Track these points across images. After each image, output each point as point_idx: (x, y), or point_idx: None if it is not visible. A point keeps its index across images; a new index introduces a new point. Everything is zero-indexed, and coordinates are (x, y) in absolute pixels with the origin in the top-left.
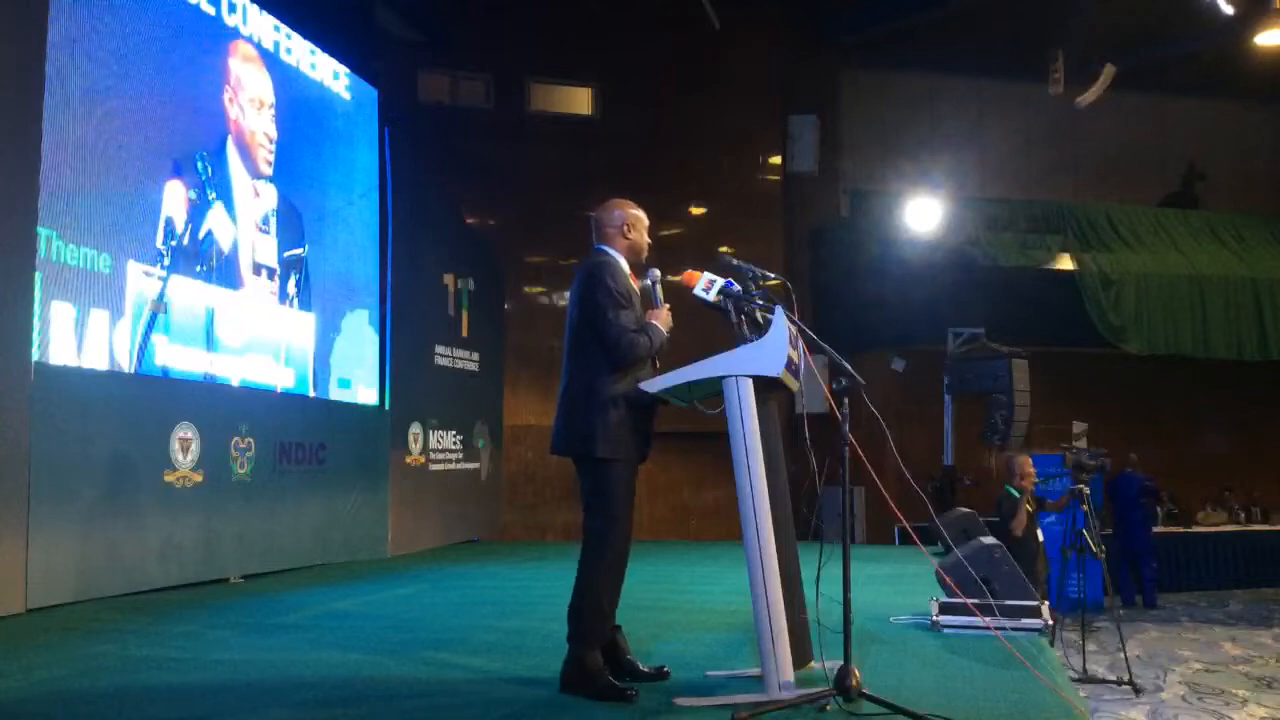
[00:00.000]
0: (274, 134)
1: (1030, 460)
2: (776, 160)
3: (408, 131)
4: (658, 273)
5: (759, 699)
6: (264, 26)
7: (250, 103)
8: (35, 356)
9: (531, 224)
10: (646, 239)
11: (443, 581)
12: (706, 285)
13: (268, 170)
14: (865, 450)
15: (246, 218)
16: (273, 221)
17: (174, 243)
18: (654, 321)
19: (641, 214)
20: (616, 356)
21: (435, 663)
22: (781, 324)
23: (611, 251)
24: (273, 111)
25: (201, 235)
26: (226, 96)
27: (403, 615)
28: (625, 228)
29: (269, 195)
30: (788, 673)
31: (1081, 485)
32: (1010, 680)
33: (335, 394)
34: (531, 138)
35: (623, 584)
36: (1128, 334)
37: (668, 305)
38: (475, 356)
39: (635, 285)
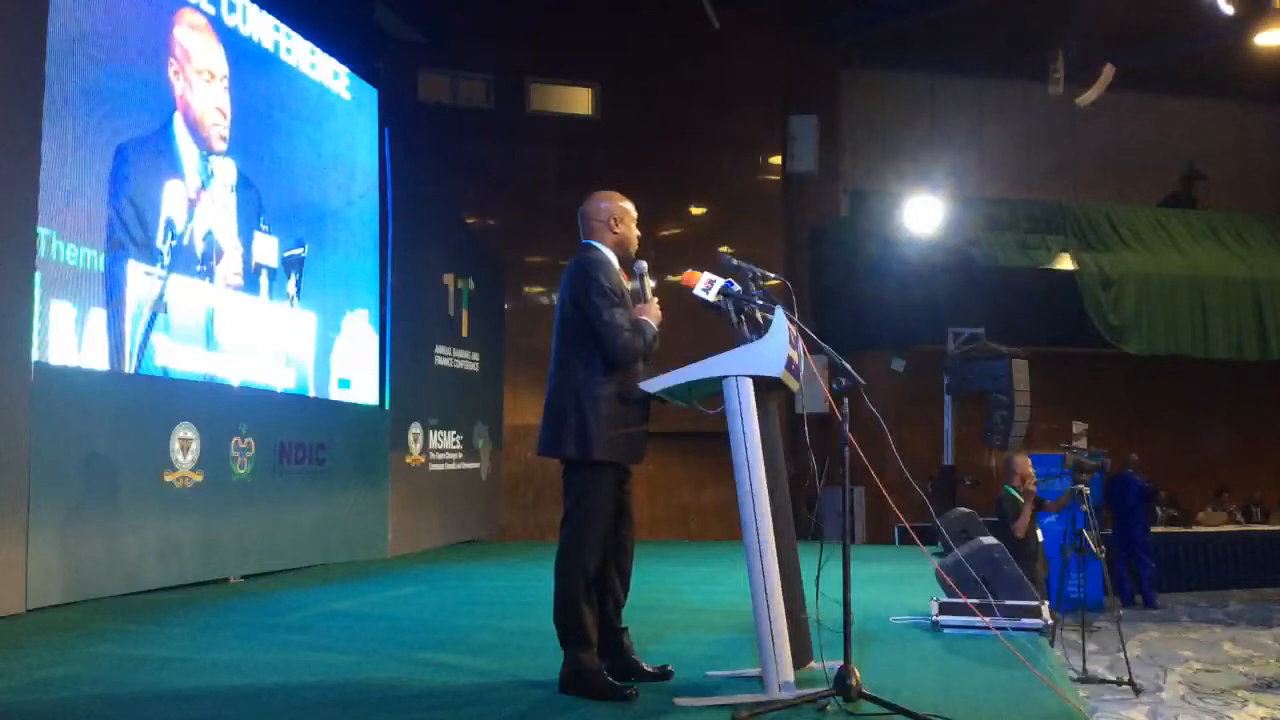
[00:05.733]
0: (226, 108)
1: (1029, 461)
2: (776, 160)
3: (408, 131)
4: (644, 265)
5: (759, 699)
6: (264, 26)
7: (199, 75)
8: (35, 356)
9: (531, 224)
10: (635, 233)
11: (443, 581)
12: (706, 285)
13: (221, 146)
14: (865, 450)
15: (204, 199)
16: (232, 200)
17: (173, 242)
18: (644, 317)
19: (629, 206)
20: (614, 357)
21: (435, 663)
22: (781, 324)
23: (600, 246)
24: (225, 84)
25: (201, 234)
26: (172, 69)
27: (403, 615)
28: (612, 221)
29: (227, 173)
30: (788, 673)
31: (1081, 485)
32: (1010, 680)
33: (335, 394)
34: (531, 138)
35: (629, 585)
36: (1128, 334)
37: (656, 299)
38: (475, 356)
39: (626, 282)
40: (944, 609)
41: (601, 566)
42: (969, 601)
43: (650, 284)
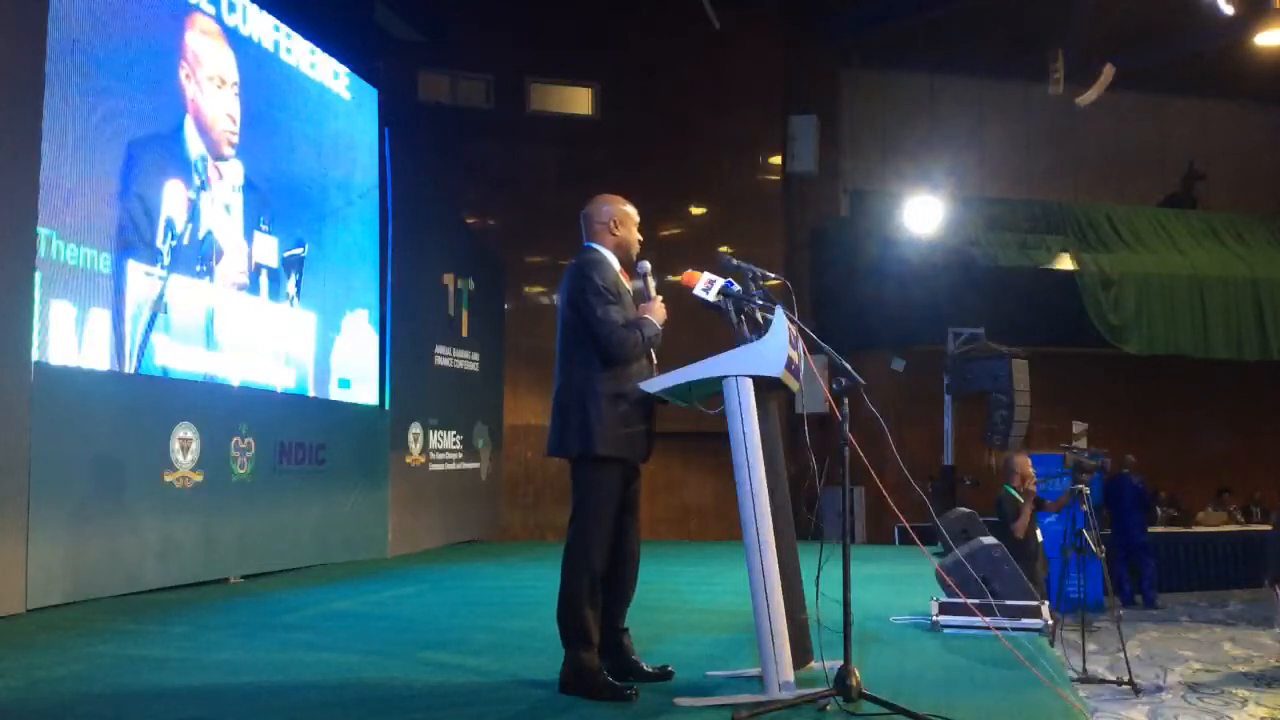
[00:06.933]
0: (236, 113)
1: (1029, 461)
2: (776, 160)
3: (408, 131)
4: (647, 265)
5: (759, 699)
6: (264, 26)
7: (209, 80)
8: (35, 356)
9: (531, 224)
10: (636, 235)
11: (443, 581)
12: (706, 285)
13: (229, 151)
14: (865, 450)
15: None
16: (232, 200)
17: (174, 242)
18: (647, 316)
19: (631, 210)
20: (609, 353)
21: (435, 663)
22: (781, 324)
23: (600, 248)
24: (235, 89)
25: (201, 234)
26: (184, 73)
27: (403, 615)
28: (613, 224)
29: (234, 175)
30: (788, 673)
31: (1081, 485)
32: (1010, 680)
33: (335, 394)
34: (531, 138)
35: (634, 588)
36: (1128, 334)
37: (660, 298)
38: (475, 356)
39: (626, 282)
40: (944, 609)
41: (608, 565)
42: (969, 601)
43: (654, 284)
